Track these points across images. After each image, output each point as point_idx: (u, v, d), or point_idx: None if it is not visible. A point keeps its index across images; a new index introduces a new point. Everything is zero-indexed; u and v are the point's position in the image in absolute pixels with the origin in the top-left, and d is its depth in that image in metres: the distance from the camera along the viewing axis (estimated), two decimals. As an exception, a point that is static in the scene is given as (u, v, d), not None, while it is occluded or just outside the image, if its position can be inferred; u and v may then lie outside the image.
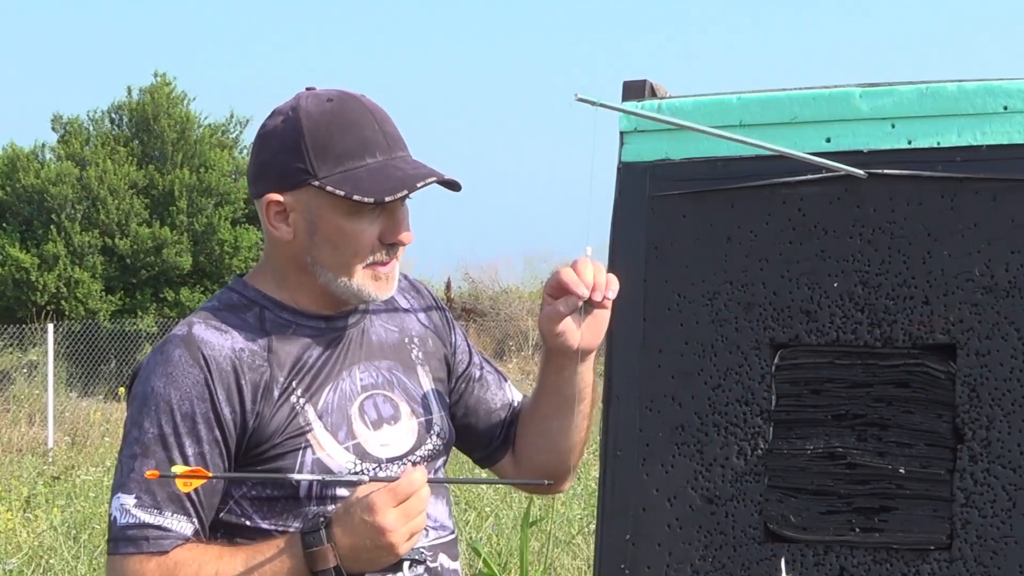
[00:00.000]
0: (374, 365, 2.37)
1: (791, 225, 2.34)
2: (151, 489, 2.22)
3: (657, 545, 2.36)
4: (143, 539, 2.22)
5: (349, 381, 2.34)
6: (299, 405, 2.28)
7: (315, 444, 2.27)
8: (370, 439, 2.31)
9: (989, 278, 2.23)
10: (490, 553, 6.69)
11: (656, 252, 2.41)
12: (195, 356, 2.25)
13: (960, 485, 2.21)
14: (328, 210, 2.27)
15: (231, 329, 2.29)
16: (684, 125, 2.27)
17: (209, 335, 2.27)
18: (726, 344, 2.35)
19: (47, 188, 23.94)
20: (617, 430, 2.40)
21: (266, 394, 2.26)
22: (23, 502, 9.90)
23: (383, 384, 2.37)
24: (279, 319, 2.32)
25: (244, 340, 2.28)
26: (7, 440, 16.06)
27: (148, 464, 2.23)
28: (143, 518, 2.22)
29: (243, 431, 2.25)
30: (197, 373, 2.24)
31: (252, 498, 2.28)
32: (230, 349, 2.26)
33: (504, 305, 27.68)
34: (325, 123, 2.27)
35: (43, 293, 23.52)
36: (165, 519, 2.23)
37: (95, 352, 20.89)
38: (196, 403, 2.24)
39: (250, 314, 2.32)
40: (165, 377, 2.25)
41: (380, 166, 2.27)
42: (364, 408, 2.34)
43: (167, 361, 2.26)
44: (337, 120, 2.28)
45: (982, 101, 2.25)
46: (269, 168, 2.31)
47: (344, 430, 2.30)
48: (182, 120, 25.49)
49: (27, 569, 7.95)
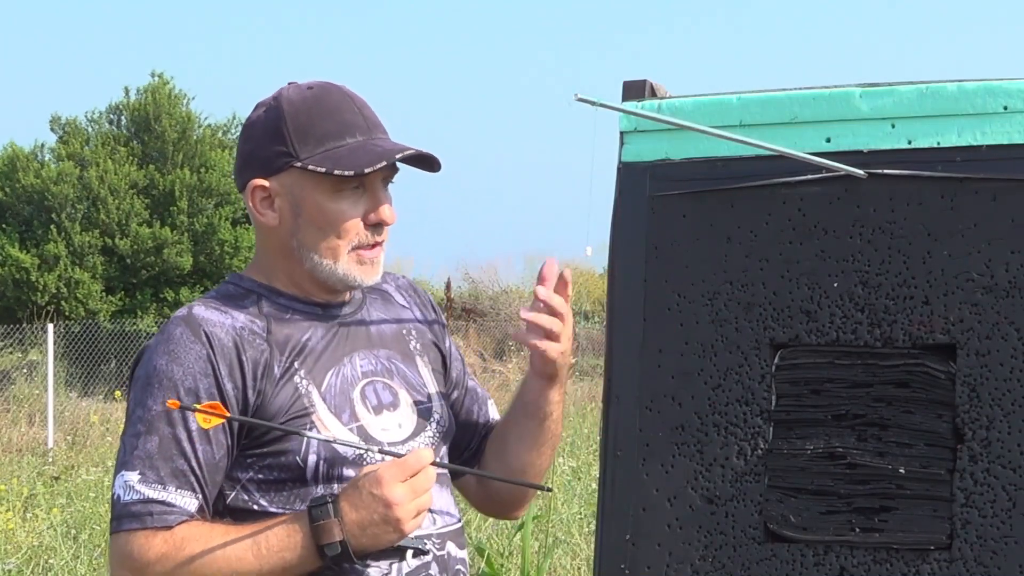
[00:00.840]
0: (373, 353, 2.39)
1: (791, 225, 2.34)
2: (155, 465, 2.22)
3: (657, 545, 2.36)
4: (147, 514, 2.21)
5: (350, 367, 2.35)
6: (303, 386, 2.29)
7: (320, 425, 2.28)
8: (372, 423, 2.33)
9: (989, 278, 2.23)
10: (490, 553, 6.69)
11: (656, 252, 2.41)
12: (196, 333, 2.26)
13: (960, 485, 2.21)
14: (311, 191, 2.30)
15: (231, 310, 2.31)
16: (684, 125, 2.27)
17: (210, 314, 2.29)
18: (726, 344, 2.35)
19: (47, 188, 23.95)
20: (617, 430, 2.40)
21: (267, 372, 2.27)
22: (23, 502, 9.89)
23: (382, 372, 2.39)
24: (276, 304, 2.34)
25: (244, 321, 2.30)
26: (7, 440, 16.06)
27: (152, 441, 2.23)
28: (147, 493, 2.21)
29: (244, 407, 2.26)
30: (199, 349, 2.25)
31: (259, 481, 2.28)
32: (231, 327, 2.28)
33: (504, 305, 27.69)
34: (306, 108, 2.31)
35: (43, 293, 23.54)
36: (169, 494, 2.22)
37: (95, 352, 20.90)
38: (199, 378, 2.24)
39: (247, 301, 2.35)
40: (167, 355, 2.26)
41: (360, 144, 2.30)
42: (365, 393, 2.35)
43: (169, 340, 2.28)
44: (317, 105, 2.32)
45: (982, 101, 2.25)
46: (253, 157, 2.35)
47: (348, 412, 2.31)
48: (183, 120, 25.51)
49: (26, 569, 7.95)
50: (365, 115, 2.34)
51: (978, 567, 2.19)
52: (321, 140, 2.29)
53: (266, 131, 2.32)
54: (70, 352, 20.71)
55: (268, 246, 2.37)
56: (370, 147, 2.29)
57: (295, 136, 2.29)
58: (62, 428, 17.10)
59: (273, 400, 2.27)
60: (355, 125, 2.31)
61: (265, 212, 2.33)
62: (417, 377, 2.43)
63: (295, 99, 2.32)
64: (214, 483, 2.26)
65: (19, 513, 9.42)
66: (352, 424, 2.31)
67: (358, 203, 2.30)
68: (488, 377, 22.50)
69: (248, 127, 2.38)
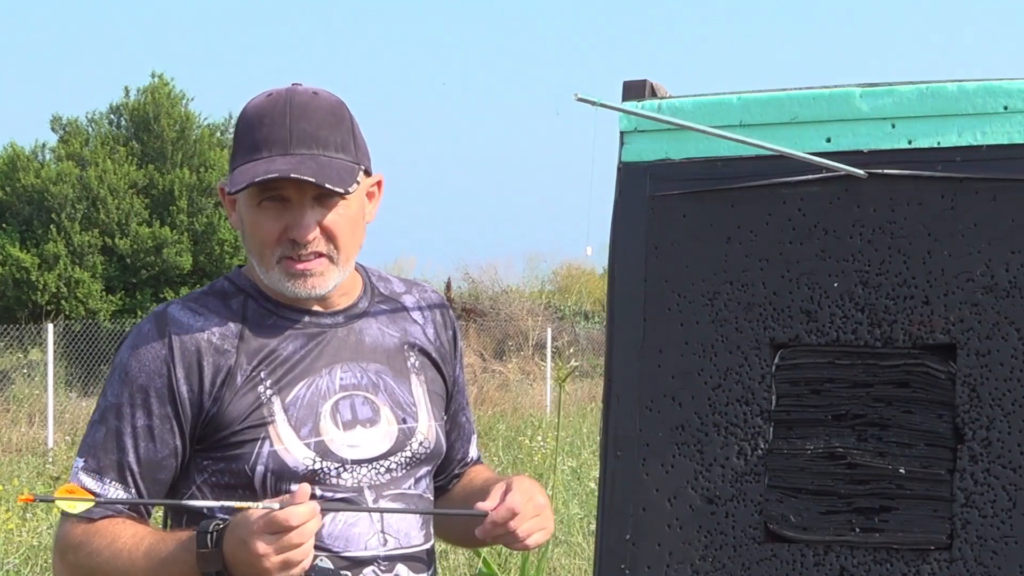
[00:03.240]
0: (360, 366, 2.36)
1: (791, 225, 2.34)
2: (97, 455, 2.30)
3: (657, 545, 2.36)
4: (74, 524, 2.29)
5: (327, 378, 2.33)
6: (265, 396, 2.28)
7: (274, 437, 2.27)
8: (337, 438, 2.30)
9: (989, 278, 2.23)
10: (490, 553, 6.69)
11: (656, 252, 2.41)
12: (162, 332, 2.30)
13: (960, 485, 2.21)
14: (242, 201, 2.31)
15: (208, 313, 2.33)
16: (684, 125, 2.27)
17: (182, 315, 2.32)
18: (726, 344, 2.35)
19: (47, 188, 23.94)
20: (617, 430, 2.40)
21: (228, 379, 2.27)
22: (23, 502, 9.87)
23: (367, 386, 2.36)
24: (262, 309, 2.34)
25: (217, 325, 2.31)
26: (7, 440, 16.06)
27: (100, 431, 2.31)
28: (85, 482, 2.29)
29: (199, 411, 2.28)
30: (159, 348, 2.28)
31: (212, 484, 2.30)
32: (199, 330, 2.30)
33: (504, 305, 27.69)
34: (247, 119, 2.34)
35: (43, 293, 23.52)
36: (104, 486, 2.28)
37: (95, 352, 20.89)
38: (152, 377, 2.28)
39: (235, 302, 2.35)
40: (131, 348, 2.31)
41: (267, 161, 2.28)
42: (339, 407, 2.32)
43: (137, 333, 2.33)
44: (256, 116, 2.33)
45: (982, 101, 2.25)
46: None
47: (309, 426, 2.29)
48: (182, 120, 25.50)
49: (26, 569, 7.95)
50: (298, 127, 2.28)
51: (978, 567, 2.19)
52: (245, 152, 2.31)
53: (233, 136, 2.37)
54: (70, 352, 20.70)
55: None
56: (265, 165, 2.26)
57: (234, 145, 2.35)
58: (62, 428, 17.09)
59: (231, 407, 2.27)
60: (275, 140, 2.29)
61: (231, 215, 2.37)
62: (407, 396, 2.40)
63: (249, 108, 2.35)
64: (154, 480, 2.30)
65: (19, 513, 9.42)
66: (311, 439, 2.28)
67: (281, 216, 2.29)
68: (488, 377, 22.50)
69: None
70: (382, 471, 2.33)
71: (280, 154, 2.27)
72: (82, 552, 2.27)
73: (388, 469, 2.33)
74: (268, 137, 2.29)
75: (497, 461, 12.16)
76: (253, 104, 2.34)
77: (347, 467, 2.30)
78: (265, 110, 2.31)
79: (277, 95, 2.33)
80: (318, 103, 2.32)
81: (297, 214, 2.28)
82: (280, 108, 2.31)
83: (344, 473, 2.29)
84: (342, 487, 2.29)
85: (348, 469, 2.30)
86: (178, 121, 25.45)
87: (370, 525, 2.31)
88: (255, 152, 2.29)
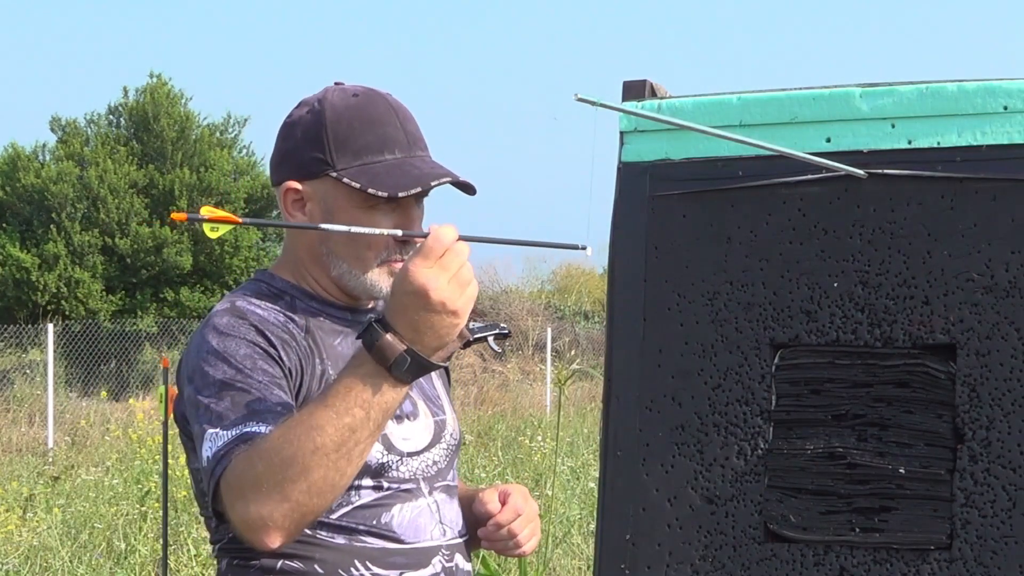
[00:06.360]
0: None
1: (791, 225, 2.34)
2: (228, 416, 2.14)
3: (657, 545, 2.36)
4: (234, 449, 2.11)
5: None
6: None
7: None
8: (394, 431, 2.31)
9: (989, 278, 2.23)
10: (489, 553, 6.68)
11: (656, 252, 2.41)
12: (245, 317, 2.23)
13: (960, 485, 2.21)
14: (344, 202, 2.28)
15: (270, 309, 2.29)
16: (684, 125, 2.26)
17: (252, 307, 2.26)
18: (726, 344, 2.35)
19: (47, 188, 23.95)
20: (617, 430, 2.40)
21: (305, 368, 2.25)
22: (23, 502, 9.89)
23: None
24: (309, 308, 2.32)
25: (283, 319, 2.28)
26: (7, 440, 16.07)
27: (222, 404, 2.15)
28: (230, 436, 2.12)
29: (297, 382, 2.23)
30: (250, 328, 2.21)
31: None
32: (272, 322, 2.25)
33: (504, 305, 27.68)
34: (348, 117, 2.29)
35: (43, 293, 23.53)
36: (248, 427, 2.12)
37: (95, 352, 20.89)
38: (255, 346, 2.20)
39: (281, 302, 2.32)
40: (218, 338, 2.21)
41: (398, 163, 2.28)
42: None
43: (216, 330, 2.23)
44: (360, 115, 2.29)
45: (982, 101, 2.25)
46: (290, 157, 2.33)
47: None
48: (181, 120, 25.51)
49: (25, 568, 7.96)
50: (407, 130, 2.31)
51: (978, 567, 2.19)
52: (359, 153, 2.27)
53: (306, 134, 2.30)
54: (70, 352, 20.71)
55: (298, 248, 2.35)
56: (407, 167, 2.27)
57: (334, 145, 2.27)
58: (62, 428, 17.09)
59: (311, 394, 2.24)
60: (395, 140, 2.29)
61: (295, 215, 2.32)
62: (432, 389, 2.43)
63: (339, 106, 2.30)
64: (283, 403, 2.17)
65: (19, 513, 9.42)
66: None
67: (389, 217, 2.28)
68: (488, 377, 22.50)
69: (289, 125, 2.35)
70: (429, 463, 2.35)
71: (406, 155, 2.28)
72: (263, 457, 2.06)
73: (434, 461, 2.36)
74: (389, 137, 2.28)
75: (497, 461, 12.16)
76: (344, 105, 2.29)
77: (404, 460, 2.31)
78: (368, 111, 2.29)
79: (365, 95, 2.31)
80: (402, 104, 2.34)
81: (409, 216, 2.29)
82: (384, 108, 2.30)
83: (402, 466, 2.30)
84: (402, 479, 2.30)
85: (404, 462, 2.31)
86: (178, 121, 25.46)
87: (431, 516, 2.32)
88: (377, 153, 2.27)
